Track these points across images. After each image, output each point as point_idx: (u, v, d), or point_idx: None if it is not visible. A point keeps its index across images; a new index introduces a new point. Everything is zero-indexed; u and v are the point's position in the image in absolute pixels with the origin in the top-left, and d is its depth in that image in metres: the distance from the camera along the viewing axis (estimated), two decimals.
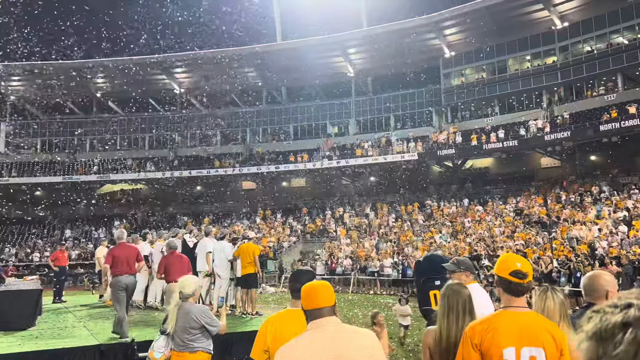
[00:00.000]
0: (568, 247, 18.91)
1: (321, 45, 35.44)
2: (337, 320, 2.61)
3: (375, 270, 22.15)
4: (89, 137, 41.60)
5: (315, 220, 32.45)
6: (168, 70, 39.27)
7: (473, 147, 30.82)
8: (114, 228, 35.16)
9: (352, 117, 38.29)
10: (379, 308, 15.54)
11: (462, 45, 34.33)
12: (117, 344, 7.59)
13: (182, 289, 4.62)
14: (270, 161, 36.33)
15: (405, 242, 25.08)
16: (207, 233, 10.69)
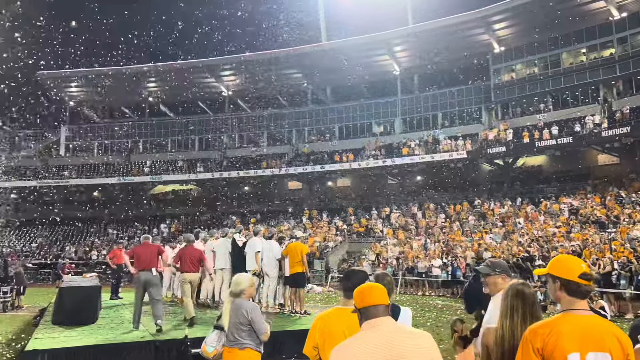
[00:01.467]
0: (629, 249, 17.95)
1: (366, 44, 35.28)
2: (392, 320, 2.57)
3: (424, 271, 21.80)
4: (142, 139, 43.17)
5: (361, 220, 32.30)
6: (216, 74, 40.22)
7: (525, 145, 29.82)
8: (165, 227, 36.38)
9: (398, 115, 37.89)
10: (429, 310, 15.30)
11: (512, 39, 33.30)
12: (172, 340, 7.80)
13: (235, 286, 4.69)
14: (315, 161, 36.49)
15: (454, 242, 24.55)
16: (255, 232, 10.82)
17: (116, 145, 43.55)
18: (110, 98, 42.30)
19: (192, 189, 41.60)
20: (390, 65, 37.38)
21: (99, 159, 41.89)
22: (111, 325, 9.11)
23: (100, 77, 39.43)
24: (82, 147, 43.90)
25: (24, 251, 33.56)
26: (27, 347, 7.20)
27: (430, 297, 19.96)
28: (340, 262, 26.77)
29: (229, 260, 10.81)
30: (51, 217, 37.84)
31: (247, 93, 41.93)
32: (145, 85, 41.88)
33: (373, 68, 37.68)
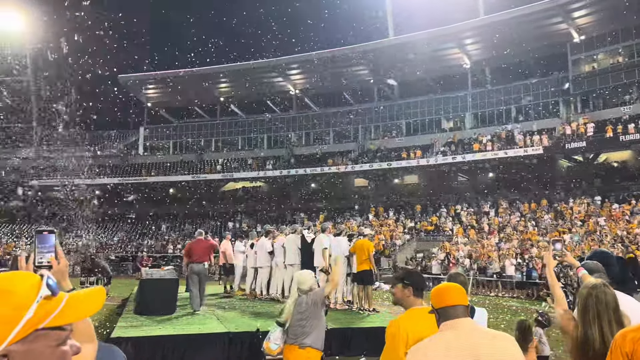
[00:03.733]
0: None
1: (435, 38, 34.43)
2: (472, 321, 2.48)
3: (496, 271, 21.02)
4: (213, 138, 44.77)
5: (430, 218, 31.64)
6: (284, 72, 40.91)
7: (608, 139, 27.92)
8: (236, 223, 37.53)
9: (468, 110, 36.71)
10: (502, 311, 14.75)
11: (593, 27, 31.25)
12: (245, 332, 8.04)
13: (300, 285, 4.70)
14: (382, 158, 36.17)
15: (530, 242, 23.47)
16: (323, 229, 10.91)
17: (190, 144, 45.44)
18: (184, 99, 44.21)
19: (261, 186, 42.62)
20: (460, 58, 36.29)
21: (174, 157, 43.91)
22: (188, 317, 9.52)
23: (175, 79, 41.34)
24: (159, 146, 46.20)
25: (108, 244, 35.86)
26: (113, 334, 7.68)
27: (504, 298, 19.23)
28: (408, 260, 26.37)
29: (298, 256, 10.96)
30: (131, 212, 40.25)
31: (314, 91, 42.35)
32: (217, 86, 43.36)
33: (442, 62, 36.76)
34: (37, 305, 0.89)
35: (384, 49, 35.99)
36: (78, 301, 0.95)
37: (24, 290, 0.90)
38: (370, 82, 40.32)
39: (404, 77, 38.94)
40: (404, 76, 38.69)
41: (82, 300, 0.96)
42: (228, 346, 7.87)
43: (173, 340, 7.67)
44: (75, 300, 0.94)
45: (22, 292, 0.90)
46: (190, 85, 41.43)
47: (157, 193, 41.99)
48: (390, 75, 38.94)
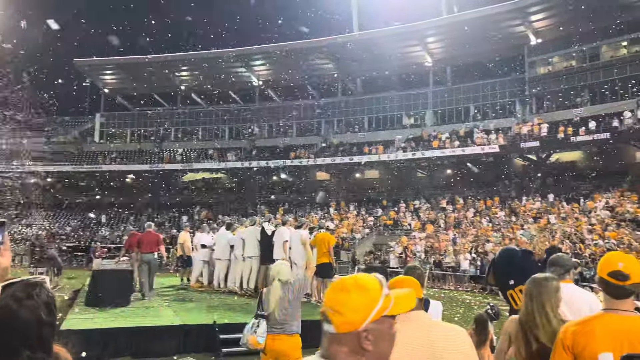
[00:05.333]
0: None
1: (398, 35, 34.81)
2: (425, 313, 2.53)
3: (451, 265, 21.58)
4: (173, 127, 43.85)
5: (389, 213, 32.12)
6: (247, 63, 40.46)
7: (560, 140, 29.00)
8: (195, 214, 36.98)
9: (429, 107, 37.37)
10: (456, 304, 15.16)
11: (549, 31, 32.32)
12: (201, 325, 7.95)
13: (280, 276, 4.67)
14: (344, 152, 36.39)
15: (484, 237, 24.20)
16: (284, 222, 10.91)
17: (149, 133, 44.37)
18: (143, 86, 43.09)
19: (222, 177, 42.14)
20: (422, 56, 36.84)
21: (132, 146, 42.79)
22: (142, 309, 9.33)
23: (135, 65, 40.21)
24: (116, 134, 44.91)
25: (59, 234, 34.65)
26: (62, 326, 7.44)
27: (458, 291, 19.76)
28: (367, 254, 26.72)
29: (257, 249, 10.92)
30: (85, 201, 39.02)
31: (278, 83, 42.11)
32: (178, 74, 42.47)
33: (405, 59, 37.20)
34: (383, 299, 1.33)
35: (348, 44, 36.10)
36: (402, 299, 1.38)
37: (375, 288, 1.35)
38: (334, 77, 40.41)
39: (368, 73, 39.22)
40: (367, 72, 38.96)
41: (404, 298, 1.40)
42: (184, 339, 7.77)
43: (126, 332, 7.50)
44: (400, 298, 1.38)
45: (375, 289, 1.35)
46: (150, 72, 40.42)
47: (113, 182, 40.86)
48: (354, 70, 39.14)
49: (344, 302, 1.33)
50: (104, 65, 42.27)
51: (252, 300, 10.14)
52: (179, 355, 7.40)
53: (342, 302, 1.33)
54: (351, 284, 1.36)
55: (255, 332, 4.53)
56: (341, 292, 1.35)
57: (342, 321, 1.32)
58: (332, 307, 1.35)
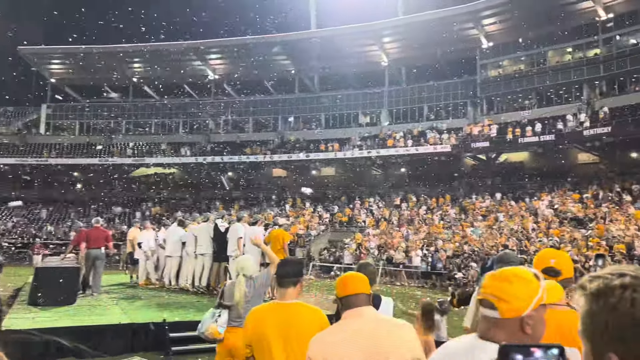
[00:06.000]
0: (605, 246, 18.35)
1: (355, 34, 35.11)
2: (373, 309, 2.56)
3: (404, 261, 22.01)
4: (125, 120, 42.52)
5: (345, 210, 32.41)
6: (203, 57, 39.73)
7: (508, 141, 30.07)
8: (147, 210, 36.06)
9: (384, 107, 37.91)
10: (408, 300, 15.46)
11: (500, 35, 33.44)
12: (149, 323, 7.76)
13: (244, 271, 4.60)
14: (301, 149, 36.39)
15: (435, 234, 24.81)
16: (239, 218, 10.79)
17: (98, 125, 42.85)
18: (94, 77, 41.52)
19: (175, 173, 41.26)
20: (378, 56, 37.29)
21: (80, 138, 41.21)
22: (88, 307, 9.02)
23: (84, 55, 38.68)
24: (63, 126, 43.12)
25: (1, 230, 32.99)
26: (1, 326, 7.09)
27: (410, 287, 20.17)
28: (322, 251, 26.86)
29: (210, 246, 10.77)
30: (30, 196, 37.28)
31: (234, 78, 41.57)
32: (130, 66, 41.20)
33: (361, 58, 37.56)
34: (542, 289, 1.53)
35: (306, 41, 36.12)
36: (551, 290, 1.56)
37: (534, 279, 1.55)
38: (291, 73, 40.32)
39: (325, 70, 39.38)
40: (324, 69, 39.11)
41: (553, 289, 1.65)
42: (132, 337, 7.57)
43: (69, 332, 7.22)
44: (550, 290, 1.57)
45: (534, 280, 1.55)
46: (101, 62, 38.97)
47: (59, 176, 39.23)
48: (312, 68, 39.18)
49: (509, 291, 1.51)
50: (51, 54, 40.47)
51: (204, 298, 10.01)
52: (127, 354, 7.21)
53: (507, 291, 1.51)
54: (512, 275, 1.55)
55: (217, 322, 4.46)
56: (504, 281, 1.54)
57: (508, 308, 1.51)
58: (496, 294, 1.53)
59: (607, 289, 0.99)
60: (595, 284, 1.02)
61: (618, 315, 0.96)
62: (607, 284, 1.00)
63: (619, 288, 0.98)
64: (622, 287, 0.98)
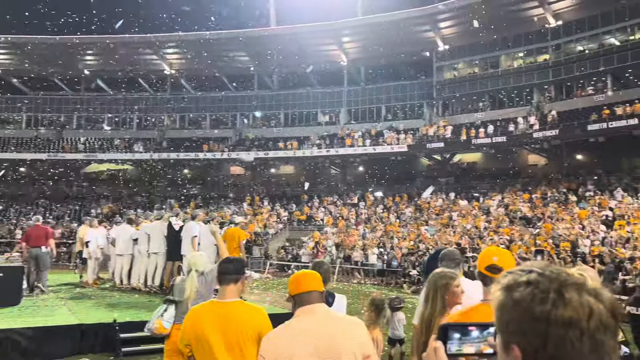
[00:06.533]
0: (551, 244, 19.15)
1: (315, 32, 35.15)
2: (325, 307, 2.59)
3: (360, 260, 22.25)
4: (76, 114, 40.99)
5: (303, 208, 32.46)
6: (159, 51, 38.76)
7: (462, 142, 30.91)
8: (99, 207, 34.91)
9: (343, 106, 38.17)
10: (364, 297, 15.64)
11: (456, 39, 34.27)
12: (99, 324, 7.54)
13: (195, 267, 4.51)
14: (259, 147, 36.16)
15: (392, 233, 25.22)
16: (193, 216, 10.61)
17: (47, 119, 41.12)
18: (42, 68, 39.77)
19: (129, 169, 40.13)
20: (338, 55, 37.48)
21: (27, 132, 39.44)
22: (34, 308, 8.66)
23: (32, 45, 36.96)
24: (9, 120, 41.16)
25: None
26: None
27: (366, 285, 20.41)
28: (279, 249, 26.81)
29: (163, 245, 10.55)
30: None
31: (191, 73, 40.78)
32: (82, 58, 39.71)
33: (321, 57, 37.65)
34: None
35: (265, 38, 35.86)
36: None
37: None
38: (250, 70, 39.93)
39: (285, 68, 39.23)
40: (284, 67, 38.97)
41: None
42: (80, 339, 7.32)
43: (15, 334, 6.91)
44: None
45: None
46: (51, 54, 37.36)
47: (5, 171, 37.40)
48: (271, 65, 38.95)
49: None
50: None
51: (157, 298, 9.80)
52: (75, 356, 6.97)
53: None
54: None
55: (162, 317, 4.37)
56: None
57: None
58: None
59: (515, 283, 1.03)
60: (507, 279, 1.07)
61: (520, 310, 1.00)
62: (516, 279, 1.04)
63: (524, 284, 1.02)
64: (527, 283, 1.02)
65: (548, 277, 1.02)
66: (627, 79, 28.93)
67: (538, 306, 0.98)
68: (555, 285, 1.00)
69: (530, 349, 0.99)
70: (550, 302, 0.98)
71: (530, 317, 0.99)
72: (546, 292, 0.99)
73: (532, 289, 1.01)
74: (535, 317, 0.98)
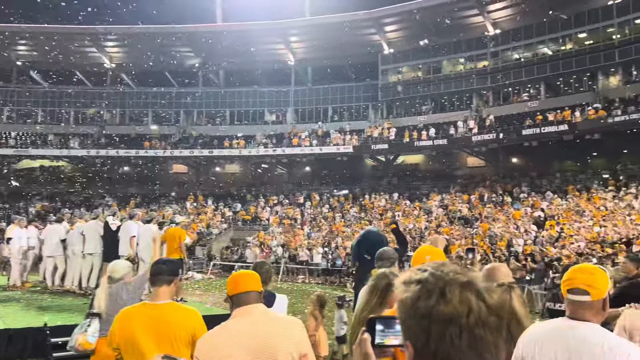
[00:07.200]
0: (487, 244, 19.97)
1: (263, 31, 34.91)
2: (263, 307, 2.57)
3: (305, 259, 22.31)
4: (6, 107, 38.61)
5: (248, 208, 32.16)
6: (98, 43, 37.17)
7: (405, 144, 31.68)
8: (31, 206, 33.07)
9: (290, 105, 38.12)
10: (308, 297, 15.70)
11: (401, 43, 35.06)
12: (29, 328, 7.14)
13: (112, 273, 4.36)
14: (204, 145, 35.48)
15: (337, 232, 25.45)
16: (131, 216, 10.26)
17: None
18: None
19: (65, 166, 38.25)
20: (285, 55, 37.40)
21: None
22: None
23: None
24: None
25: None
26: None
27: (310, 284, 20.49)
28: (224, 250, 26.42)
29: (99, 245, 10.14)
30: None
31: (133, 67, 39.36)
32: (14, 48, 37.45)
33: (268, 56, 37.42)
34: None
35: (211, 34, 35.24)
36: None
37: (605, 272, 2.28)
38: (195, 66, 39.09)
39: (231, 66, 38.69)
40: (230, 64, 38.42)
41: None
42: (7, 344, 6.90)
43: None
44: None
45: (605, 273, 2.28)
46: None
47: None
48: (217, 62, 38.32)
49: (596, 280, 2.13)
50: None
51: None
52: None
53: (594, 280, 2.13)
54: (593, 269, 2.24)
55: (86, 332, 4.17)
56: (590, 274, 2.17)
57: (597, 293, 2.11)
58: (586, 284, 2.12)
59: (409, 281, 1.08)
60: (404, 277, 1.11)
61: (408, 307, 1.05)
62: (411, 277, 1.08)
63: (415, 282, 1.06)
64: (417, 281, 1.06)
65: (436, 276, 1.05)
66: (558, 87, 30.69)
67: (422, 303, 1.03)
68: (440, 284, 1.03)
69: (419, 345, 1.03)
70: (432, 300, 1.02)
71: (415, 314, 1.03)
72: (430, 291, 1.03)
73: (420, 287, 1.05)
74: (420, 314, 1.02)
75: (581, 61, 29.03)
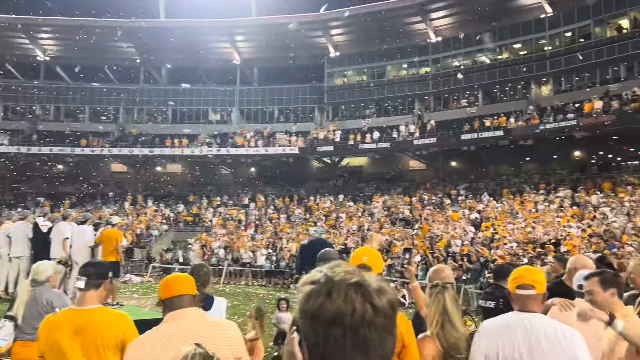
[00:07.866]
0: (427, 244, 20.56)
1: (208, 29, 34.35)
2: (197, 310, 2.52)
3: (249, 261, 22.10)
4: None
5: (191, 209, 31.46)
6: (31, 34, 35.21)
7: (350, 146, 32.08)
8: None
9: (235, 105, 37.64)
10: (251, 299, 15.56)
11: (346, 46, 35.49)
12: None
13: (35, 275, 4.14)
14: (144, 144, 34.36)
15: (281, 233, 25.38)
16: (65, 217, 9.79)
17: None
18: None
19: None
20: (231, 54, 36.91)
21: None
22: None
23: None
24: None
25: None
26: None
27: (254, 286, 20.32)
28: (164, 251, 25.67)
29: (27, 247, 9.59)
30: None
31: (69, 61, 37.50)
32: None
33: (214, 54, 36.80)
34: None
35: (154, 29, 34.22)
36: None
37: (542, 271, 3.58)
38: (136, 62, 37.77)
39: (174, 63, 37.71)
40: (173, 62, 37.46)
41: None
42: None
43: None
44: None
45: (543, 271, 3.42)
46: None
47: None
48: (159, 59, 37.24)
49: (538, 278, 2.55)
50: None
51: None
52: None
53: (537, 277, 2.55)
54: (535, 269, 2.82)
55: None
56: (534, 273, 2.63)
57: (540, 287, 2.52)
58: (532, 280, 2.53)
59: (305, 282, 1.09)
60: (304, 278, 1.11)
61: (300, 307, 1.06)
62: (308, 278, 1.09)
63: (309, 283, 1.07)
64: (311, 282, 1.07)
65: (327, 277, 1.06)
66: (495, 94, 32.11)
67: (311, 303, 1.03)
68: (329, 284, 1.04)
69: (311, 345, 1.03)
70: (320, 300, 1.02)
71: (306, 314, 1.04)
72: (319, 291, 1.04)
73: (312, 288, 1.05)
74: (310, 314, 1.03)
75: (516, 70, 30.53)
